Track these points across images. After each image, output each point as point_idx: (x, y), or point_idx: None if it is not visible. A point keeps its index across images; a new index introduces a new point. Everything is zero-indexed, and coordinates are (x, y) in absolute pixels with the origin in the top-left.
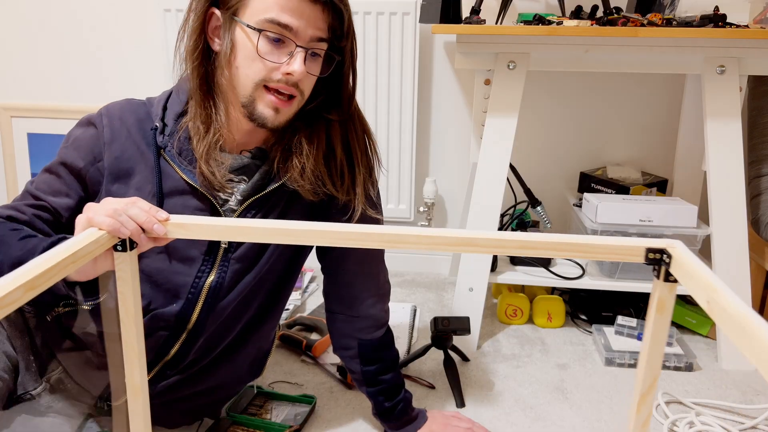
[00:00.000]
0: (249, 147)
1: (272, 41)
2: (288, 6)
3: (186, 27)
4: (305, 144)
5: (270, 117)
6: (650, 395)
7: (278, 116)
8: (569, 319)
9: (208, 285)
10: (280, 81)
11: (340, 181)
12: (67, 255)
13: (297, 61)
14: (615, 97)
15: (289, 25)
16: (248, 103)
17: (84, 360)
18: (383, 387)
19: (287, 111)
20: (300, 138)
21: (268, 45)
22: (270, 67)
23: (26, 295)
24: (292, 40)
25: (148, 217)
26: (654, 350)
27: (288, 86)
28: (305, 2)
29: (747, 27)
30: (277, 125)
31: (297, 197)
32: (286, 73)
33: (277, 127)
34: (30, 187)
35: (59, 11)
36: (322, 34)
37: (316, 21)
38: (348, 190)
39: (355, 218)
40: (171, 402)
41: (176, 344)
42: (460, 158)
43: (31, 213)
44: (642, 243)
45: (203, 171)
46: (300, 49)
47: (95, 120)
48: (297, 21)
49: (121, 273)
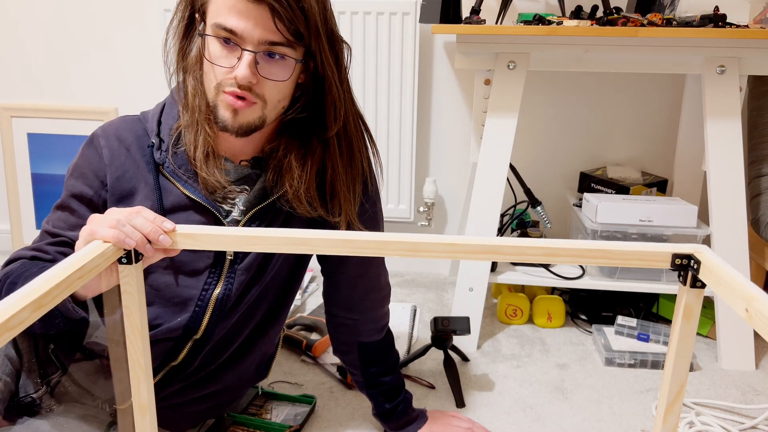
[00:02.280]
0: (246, 156)
1: (225, 44)
2: (234, 9)
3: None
4: (296, 167)
5: (229, 119)
6: (677, 403)
7: (237, 118)
8: (569, 319)
9: (215, 297)
10: (232, 85)
11: (330, 204)
12: (74, 271)
13: (241, 65)
14: (615, 97)
15: (234, 29)
16: (213, 107)
17: (90, 365)
18: (383, 388)
19: (247, 113)
20: (290, 160)
21: (220, 50)
22: (221, 71)
23: (34, 315)
24: (238, 44)
25: (153, 227)
26: (680, 357)
27: (241, 91)
28: (251, 3)
29: (747, 27)
30: (238, 128)
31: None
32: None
33: (239, 130)
34: (47, 227)
35: (59, 11)
36: (273, 37)
37: (264, 23)
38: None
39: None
40: (176, 406)
41: (182, 352)
42: (460, 158)
43: (54, 251)
44: (669, 249)
45: (205, 178)
46: (247, 53)
47: (93, 143)
48: (242, 23)
49: (127, 287)
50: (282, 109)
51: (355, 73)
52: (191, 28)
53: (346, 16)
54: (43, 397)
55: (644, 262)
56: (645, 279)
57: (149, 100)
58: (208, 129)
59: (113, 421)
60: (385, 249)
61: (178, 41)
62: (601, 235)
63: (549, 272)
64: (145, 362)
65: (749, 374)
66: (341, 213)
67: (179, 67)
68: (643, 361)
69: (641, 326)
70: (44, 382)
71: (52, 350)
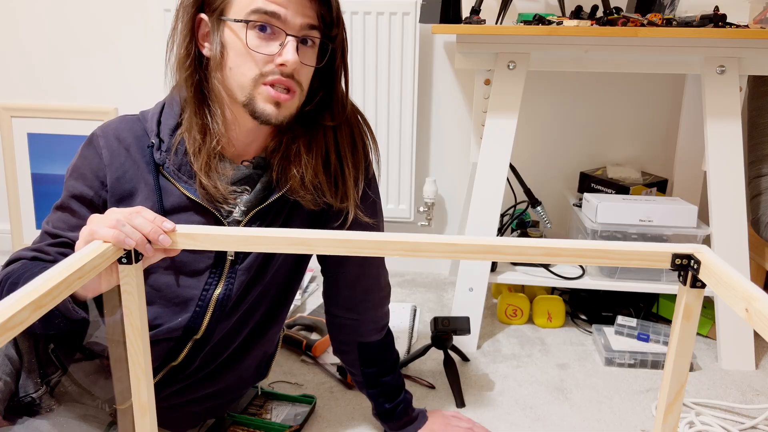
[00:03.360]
0: (248, 156)
1: (261, 33)
2: None
3: (174, 36)
4: (304, 153)
5: (272, 113)
6: (677, 403)
7: (281, 111)
8: (569, 319)
9: (215, 297)
10: (275, 74)
11: (335, 189)
12: (73, 271)
13: (289, 50)
14: (615, 97)
15: (276, 13)
16: (248, 102)
17: (90, 365)
18: (383, 389)
19: (289, 105)
20: (299, 146)
21: (258, 38)
22: (262, 60)
23: (34, 315)
24: (281, 29)
25: (153, 227)
26: (680, 357)
27: (285, 79)
28: None
29: (747, 27)
30: (281, 120)
31: (298, 206)
32: (279, 65)
33: (281, 122)
34: (47, 228)
35: (59, 11)
36: (312, 21)
37: (303, 8)
38: (342, 198)
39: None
40: (177, 406)
41: (183, 352)
42: (460, 158)
43: (54, 252)
44: (669, 249)
45: (204, 184)
46: (290, 38)
47: (93, 143)
48: (284, 8)
49: (127, 287)
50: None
51: (355, 73)
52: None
53: (346, 16)
54: (43, 396)
55: (644, 262)
56: (645, 279)
57: (149, 100)
58: (224, 132)
59: (113, 421)
60: (385, 249)
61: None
62: (601, 235)
63: (549, 272)
64: (145, 362)
65: (749, 374)
66: (347, 199)
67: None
68: (643, 361)
69: (641, 326)
70: (44, 382)
71: (52, 350)
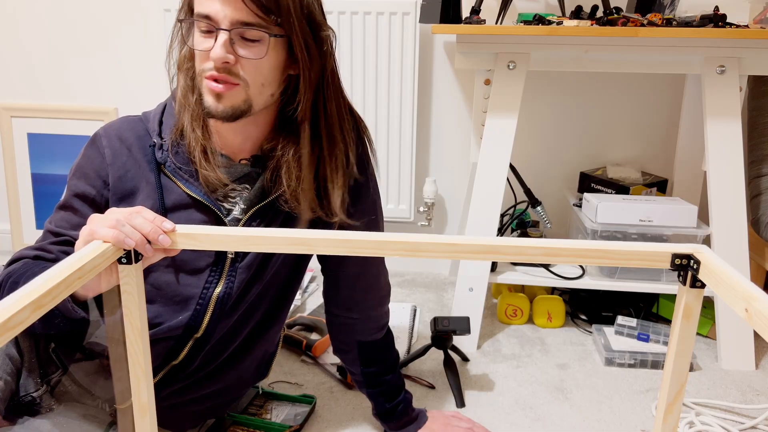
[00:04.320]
0: (245, 154)
1: (203, 33)
2: None
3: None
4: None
5: (212, 104)
6: (677, 403)
7: (220, 103)
8: (569, 319)
9: (216, 296)
10: (211, 68)
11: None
12: (73, 271)
13: (216, 45)
14: (615, 97)
15: (207, 13)
16: (199, 96)
17: (90, 365)
18: (383, 388)
19: (230, 96)
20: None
21: (201, 36)
22: (201, 56)
23: (34, 315)
24: (213, 26)
25: (153, 227)
26: (680, 357)
27: (219, 74)
28: None
29: (747, 27)
30: (222, 112)
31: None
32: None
33: (223, 114)
34: (50, 227)
35: (59, 11)
36: (244, 16)
37: (235, 2)
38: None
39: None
40: (177, 405)
41: (183, 351)
42: (460, 158)
43: (57, 250)
44: (668, 249)
45: (205, 175)
46: (221, 32)
47: (95, 143)
48: (214, 6)
49: (127, 287)
50: (270, 97)
51: (355, 73)
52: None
53: (346, 16)
54: (44, 396)
55: (644, 262)
56: (645, 279)
57: (149, 100)
58: (202, 125)
59: (113, 421)
60: (385, 249)
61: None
62: (601, 235)
63: (549, 272)
64: (145, 362)
65: (749, 374)
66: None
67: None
68: (643, 361)
69: (641, 326)
70: (44, 382)
71: (53, 350)
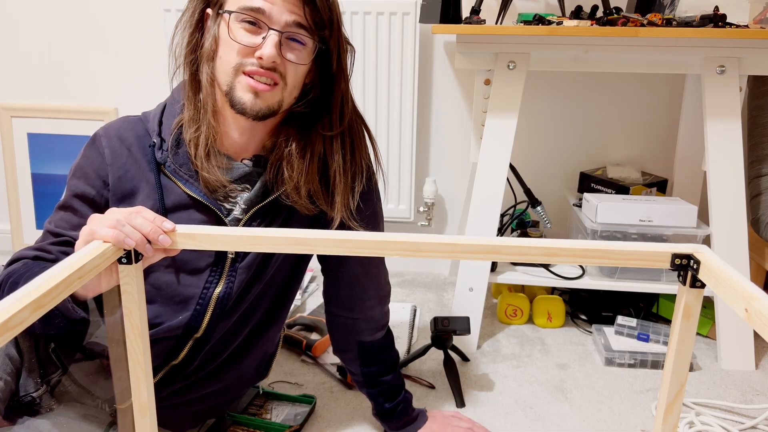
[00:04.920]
0: (248, 154)
1: (248, 26)
2: None
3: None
4: (297, 158)
5: (249, 102)
6: (677, 403)
7: (258, 101)
8: (569, 319)
9: (216, 295)
10: (254, 65)
11: (328, 198)
12: (73, 271)
13: (268, 44)
14: (615, 97)
15: (261, 8)
16: (229, 91)
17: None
18: (383, 388)
19: (268, 97)
20: (292, 150)
21: (243, 30)
22: (243, 50)
23: (33, 315)
24: (265, 23)
25: (153, 227)
26: (680, 357)
27: (264, 71)
28: None
29: (747, 27)
30: (257, 111)
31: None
32: (258, 57)
33: (257, 114)
34: (50, 227)
35: (59, 11)
36: (298, 19)
37: (290, 5)
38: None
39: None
40: (177, 405)
41: (183, 351)
42: (460, 158)
43: (56, 251)
44: (668, 249)
45: (205, 177)
46: (272, 32)
47: (95, 143)
48: (269, 4)
49: (126, 287)
50: (294, 99)
51: (355, 73)
52: (203, 20)
53: (346, 16)
54: (44, 396)
55: (644, 262)
56: (645, 279)
57: (149, 100)
58: (213, 122)
59: (113, 421)
60: (385, 249)
61: (188, 34)
62: (601, 235)
63: (549, 272)
64: (145, 362)
65: (749, 374)
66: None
67: (187, 61)
68: (643, 361)
69: (641, 326)
70: (44, 382)
71: (53, 350)
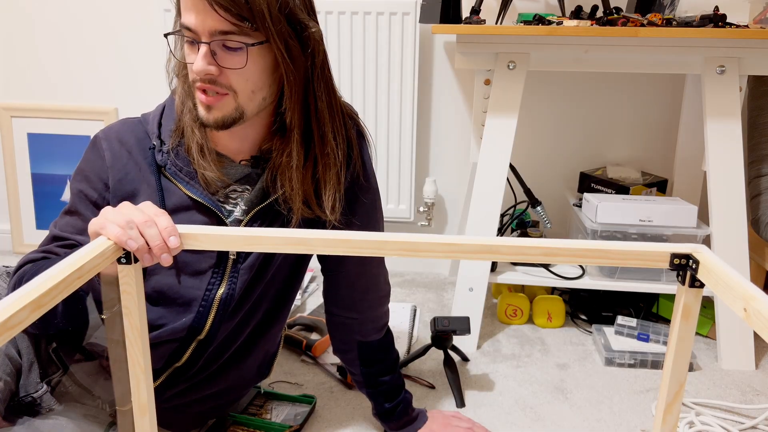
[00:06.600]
0: (245, 155)
1: (188, 44)
2: (186, 6)
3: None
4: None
5: (204, 115)
6: (677, 403)
7: (211, 114)
8: (569, 319)
9: (218, 297)
10: (198, 81)
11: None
12: (73, 270)
13: (197, 59)
14: (615, 97)
15: (188, 25)
16: (192, 106)
17: (91, 365)
18: (383, 388)
19: (220, 107)
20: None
21: (187, 48)
22: (189, 67)
23: (33, 315)
24: (195, 38)
25: (160, 244)
26: (680, 357)
27: (206, 84)
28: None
29: (747, 27)
30: (214, 122)
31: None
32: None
33: (215, 124)
34: (55, 231)
35: (59, 11)
36: (220, 26)
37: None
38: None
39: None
40: (180, 407)
41: (186, 353)
42: (460, 158)
43: (63, 252)
44: (667, 248)
45: (205, 176)
46: (201, 45)
47: (96, 146)
48: (192, 18)
49: (126, 286)
50: (262, 101)
51: (355, 73)
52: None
53: (346, 16)
54: (44, 396)
55: (643, 262)
56: (645, 279)
57: (149, 100)
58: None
59: (113, 421)
60: (385, 249)
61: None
62: (601, 235)
63: (549, 272)
64: (144, 362)
65: (749, 374)
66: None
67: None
68: (643, 361)
69: (641, 326)
70: (45, 382)
71: (53, 350)
